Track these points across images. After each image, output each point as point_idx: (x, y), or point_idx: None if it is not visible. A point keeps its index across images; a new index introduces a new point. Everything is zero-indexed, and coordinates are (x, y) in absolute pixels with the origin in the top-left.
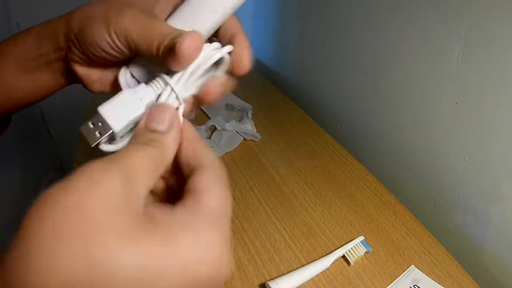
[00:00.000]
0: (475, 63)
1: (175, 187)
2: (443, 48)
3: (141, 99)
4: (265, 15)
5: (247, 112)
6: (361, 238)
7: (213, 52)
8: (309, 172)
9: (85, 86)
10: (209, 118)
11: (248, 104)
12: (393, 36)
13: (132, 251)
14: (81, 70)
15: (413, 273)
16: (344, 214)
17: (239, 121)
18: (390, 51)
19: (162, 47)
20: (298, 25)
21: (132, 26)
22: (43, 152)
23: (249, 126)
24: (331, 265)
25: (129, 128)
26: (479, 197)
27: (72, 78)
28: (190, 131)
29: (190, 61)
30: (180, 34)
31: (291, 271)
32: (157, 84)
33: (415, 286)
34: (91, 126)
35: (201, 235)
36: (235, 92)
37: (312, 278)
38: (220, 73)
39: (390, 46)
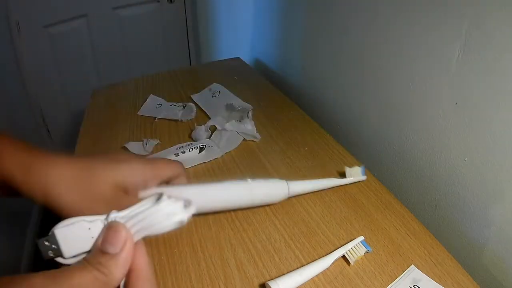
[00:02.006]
0: (475, 63)
1: None
2: (443, 48)
3: (92, 237)
4: (266, 15)
5: (247, 112)
6: (361, 238)
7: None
8: (309, 172)
9: None
10: (209, 118)
11: (248, 105)
12: (393, 37)
13: None
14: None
15: (413, 273)
16: (344, 214)
17: (239, 121)
18: (390, 51)
19: None
20: (299, 26)
21: None
22: None
23: (249, 126)
24: (331, 265)
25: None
26: (479, 197)
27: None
28: (142, 258)
29: None
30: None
31: (291, 271)
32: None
33: (415, 286)
34: (46, 243)
35: None
36: (235, 92)
37: (312, 278)
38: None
39: (391, 47)
